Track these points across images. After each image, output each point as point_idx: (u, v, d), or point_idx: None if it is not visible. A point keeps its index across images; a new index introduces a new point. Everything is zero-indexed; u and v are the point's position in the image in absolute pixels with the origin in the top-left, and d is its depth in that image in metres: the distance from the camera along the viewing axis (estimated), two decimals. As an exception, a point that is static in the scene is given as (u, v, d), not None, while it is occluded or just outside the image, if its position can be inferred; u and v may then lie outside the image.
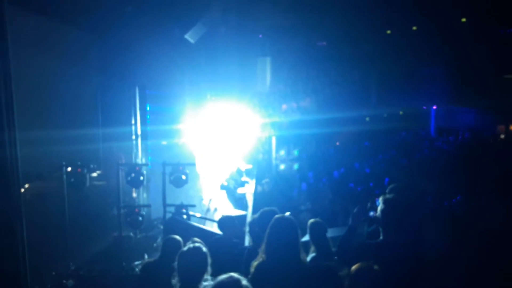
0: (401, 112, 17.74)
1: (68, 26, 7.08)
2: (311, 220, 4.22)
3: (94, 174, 7.27)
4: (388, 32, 15.32)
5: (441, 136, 16.23)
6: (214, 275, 3.63)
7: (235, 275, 2.29)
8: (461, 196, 7.75)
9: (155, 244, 7.36)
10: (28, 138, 4.54)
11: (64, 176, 6.47)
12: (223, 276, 2.29)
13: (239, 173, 9.49)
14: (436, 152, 13.09)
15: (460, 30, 14.10)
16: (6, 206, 4.21)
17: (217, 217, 7.45)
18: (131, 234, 7.48)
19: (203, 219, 7.21)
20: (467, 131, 15.79)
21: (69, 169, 6.58)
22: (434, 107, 17.91)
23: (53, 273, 6.02)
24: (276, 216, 3.44)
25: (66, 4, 6.57)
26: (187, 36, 8.62)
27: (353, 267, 2.81)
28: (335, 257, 3.67)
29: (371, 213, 4.21)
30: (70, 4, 6.67)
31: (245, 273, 3.83)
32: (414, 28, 14.98)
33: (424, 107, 18.10)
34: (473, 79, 14.68)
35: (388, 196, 3.46)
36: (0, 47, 4.14)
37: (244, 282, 2.24)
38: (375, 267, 2.81)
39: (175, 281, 3.11)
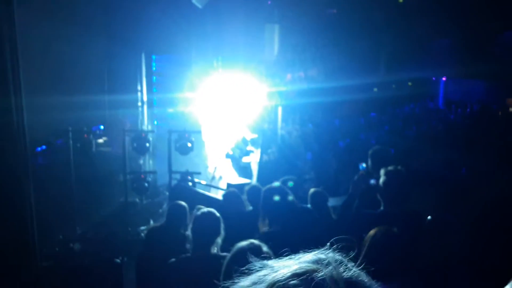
0: (409, 83, 17.52)
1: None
2: (312, 190, 4.26)
3: (100, 140, 7.30)
4: (400, 0, 14.93)
5: (449, 108, 16.06)
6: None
7: (255, 241, 2.29)
8: (468, 168, 7.74)
9: (160, 210, 7.46)
10: (34, 103, 4.53)
11: (70, 141, 6.49)
12: (243, 243, 2.28)
13: (245, 142, 9.49)
14: (443, 124, 12.98)
15: (473, 1, 13.70)
16: (14, 170, 4.25)
17: (222, 184, 7.52)
18: (137, 200, 7.57)
19: (208, 186, 7.26)
20: (476, 103, 15.60)
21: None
22: (444, 78, 17.63)
23: (60, 236, 6.13)
24: (268, 186, 3.51)
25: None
26: (194, 1, 8.45)
27: (372, 231, 2.80)
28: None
29: (372, 181, 4.23)
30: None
31: (249, 235, 3.92)
32: (427, -4, 14.57)
33: (434, 78, 17.84)
34: (484, 51, 14.37)
35: (390, 168, 3.46)
36: (5, 12, 4.08)
37: (265, 248, 2.24)
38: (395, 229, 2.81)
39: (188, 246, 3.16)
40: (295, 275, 0.68)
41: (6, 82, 4.12)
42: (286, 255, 0.78)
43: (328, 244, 0.79)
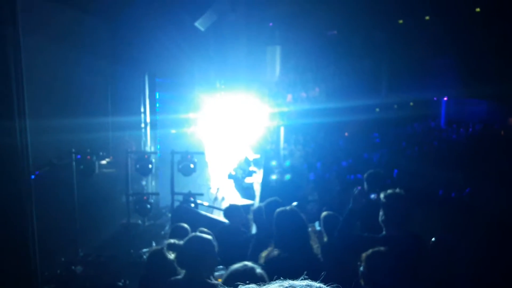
0: (411, 103, 17.58)
1: (80, 13, 7.08)
2: (324, 213, 4.23)
3: (104, 162, 7.32)
4: (400, 21, 15.11)
5: (451, 127, 16.07)
6: (221, 263, 3.67)
7: (249, 263, 2.27)
8: (471, 188, 7.70)
9: (163, 232, 7.43)
10: (38, 126, 4.57)
11: (74, 163, 6.52)
12: (237, 265, 2.26)
13: (247, 162, 9.50)
14: (446, 144, 12.98)
15: (474, 21, 13.86)
16: (16, 193, 4.25)
17: (224, 206, 7.50)
18: (139, 221, 7.55)
19: (211, 207, 7.24)
20: (478, 123, 15.62)
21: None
22: (445, 98, 17.71)
23: (62, 259, 6.10)
24: (281, 209, 3.46)
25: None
26: (197, 24, 8.59)
27: (367, 253, 2.79)
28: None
29: (372, 196, 4.23)
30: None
31: (251, 260, 3.87)
32: (427, 18, 14.75)
33: (435, 98, 17.91)
34: (485, 71, 14.45)
35: (389, 191, 3.46)
36: (11, 34, 4.16)
37: (259, 270, 2.22)
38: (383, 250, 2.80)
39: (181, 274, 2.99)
40: None
41: (11, 105, 4.16)
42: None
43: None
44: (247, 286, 0.79)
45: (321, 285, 0.77)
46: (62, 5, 6.40)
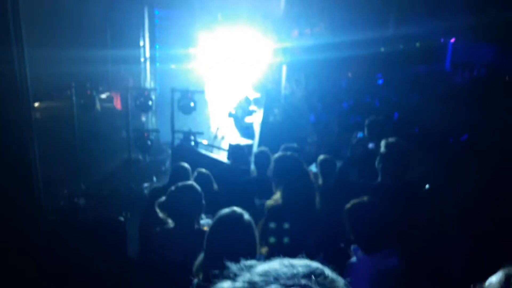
0: (417, 44, 17.12)
1: None
2: (321, 157, 4.25)
3: (103, 96, 7.26)
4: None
5: (456, 70, 15.78)
6: (224, 202, 3.75)
7: (237, 209, 2.26)
8: (469, 134, 7.73)
9: (163, 168, 7.55)
10: (36, 56, 4.47)
11: (74, 97, 6.47)
12: (225, 210, 2.26)
13: (247, 101, 9.42)
14: (449, 87, 12.82)
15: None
16: (17, 122, 4.25)
17: (224, 145, 7.56)
18: (140, 157, 7.64)
19: (211, 146, 7.30)
20: (483, 67, 15.31)
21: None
22: (452, 40, 17.22)
23: (65, 191, 6.25)
24: (280, 155, 3.44)
25: None
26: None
27: (348, 205, 2.84)
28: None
29: (370, 145, 4.25)
30: None
31: (252, 202, 3.97)
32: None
33: (442, 40, 17.42)
34: (496, 13, 13.92)
35: (391, 139, 3.45)
36: None
37: (246, 216, 2.22)
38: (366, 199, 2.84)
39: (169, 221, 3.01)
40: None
41: (7, 33, 4.05)
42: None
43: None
44: (248, 262, 0.81)
45: (319, 265, 0.78)
46: None
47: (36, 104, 5.74)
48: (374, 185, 3.43)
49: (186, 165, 4.29)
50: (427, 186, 4.43)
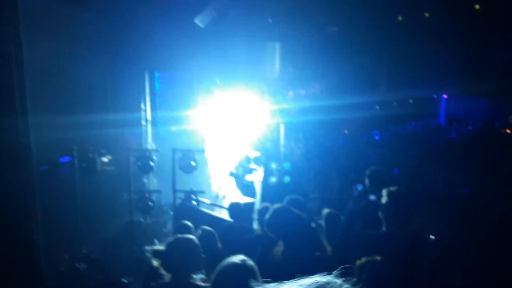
0: (411, 101, 17.59)
1: (78, 8, 6.99)
2: (326, 211, 4.27)
3: (105, 159, 7.34)
4: (400, 18, 15.10)
5: (451, 125, 16.10)
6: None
7: (241, 256, 2.31)
8: (471, 187, 7.74)
9: (165, 230, 7.48)
10: (39, 123, 4.58)
11: (76, 160, 6.54)
12: (231, 257, 2.31)
13: (248, 160, 9.53)
14: (445, 142, 13.02)
15: (473, 18, 13.85)
16: (20, 191, 4.29)
17: (226, 204, 7.55)
18: (142, 219, 7.59)
19: (212, 205, 7.29)
20: (478, 121, 15.64)
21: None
22: (445, 96, 17.73)
23: (66, 256, 6.14)
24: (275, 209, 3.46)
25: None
26: (196, 21, 8.59)
27: (359, 261, 2.82)
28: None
29: (371, 197, 4.27)
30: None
31: (259, 259, 3.90)
32: (426, 14, 14.73)
33: (435, 96, 17.93)
34: (485, 68, 14.47)
35: (392, 188, 3.50)
36: (12, 32, 4.17)
37: (250, 262, 2.25)
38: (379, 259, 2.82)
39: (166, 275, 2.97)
40: None
41: (13, 102, 4.18)
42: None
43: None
44: (265, 285, 0.82)
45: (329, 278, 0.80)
46: (57, 1, 6.34)
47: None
48: (379, 235, 3.43)
49: (189, 223, 4.28)
50: (431, 237, 4.40)
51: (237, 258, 2.32)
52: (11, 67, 4.15)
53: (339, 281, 0.79)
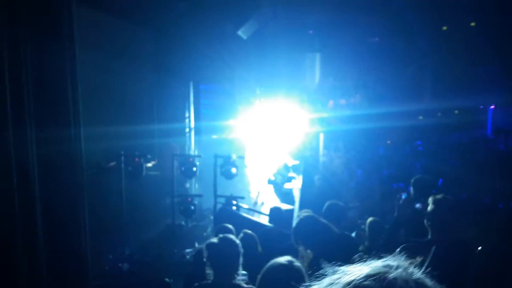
0: (456, 112, 17.05)
1: (126, 23, 7.31)
2: (370, 219, 4.27)
3: (150, 164, 7.59)
4: (444, 28, 14.76)
5: (498, 137, 15.45)
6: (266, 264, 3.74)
7: (289, 257, 2.35)
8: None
9: (205, 233, 7.61)
10: (89, 133, 4.82)
11: (122, 165, 6.80)
12: (278, 258, 2.34)
13: (286, 168, 9.56)
14: (493, 154, 12.52)
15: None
16: (70, 193, 4.52)
17: (264, 210, 7.60)
18: (183, 222, 7.76)
19: (251, 211, 7.36)
20: (528, 132, 14.93)
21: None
22: (492, 106, 17.08)
23: (110, 256, 6.37)
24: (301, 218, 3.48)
25: (125, 0, 6.81)
26: (239, 32, 8.78)
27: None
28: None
29: (417, 205, 4.19)
30: (129, 1, 6.91)
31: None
32: (472, 24, 14.33)
33: (481, 106, 17.31)
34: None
35: (438, 196, 3.44)
36: (68, 49, 4.42)
37: (297, 263, 2.29)
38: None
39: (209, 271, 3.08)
40: (368, 276, 0.77)
41: (67, 114, 4.43)
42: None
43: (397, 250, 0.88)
44: (331, 268, 0.87)
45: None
46: (108, 15, 6.62)
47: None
48: (424, 242, 3.37)
49: (230, 226, 4.36)
50: (479, 248, 4.25)
51: (284, 259, 2.35)
52: (67, 83, 4.40)
53: (406, 262, 0.84)
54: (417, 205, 4.29)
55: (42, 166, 4.22)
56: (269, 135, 10.24)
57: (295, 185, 8.97)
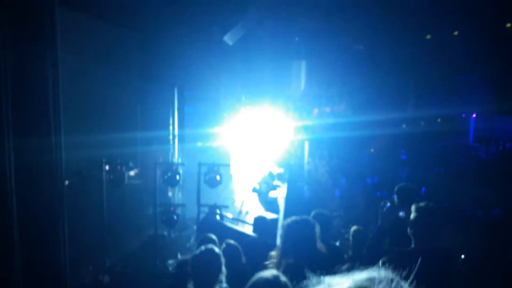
0: (439, 120, 17.29)
1: (110, 27, 7.15)
2: (354, 228, 4.23)
3: (132, 173, 7.46)
4: (428, 37, 14.98)
5: (480, 145, 15.70)
6: (250, 276, 3.67)
7: (274, 271, 2.28)
8: (502, 207, 7.51)
9: (188, 244, 7.49)
10: (70, 141, 4.70)
11: (104, 173, 6.66)
12: (263, 273, 2.27)
13: (271, 176, 9.51)
14: (475, 162, 12.69)
15: (503, 36, 13.62)
16: (50, 205, 4.39)
17: (249, 219, 7.52)
18: (165, 233, 7.63)
19: (236, 220, 7.27)
20: (508, 141, 15.21)
21: (107, 167, 6.76)
22: (474, 115, 17.36)
23: (90, 268, 6.21)
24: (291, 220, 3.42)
25: (108, 3, 6.67)
26: (225, 38, 8.73)
27: None
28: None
29: (401, 213, 4.18)
30: (113, 3, 6.77)
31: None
32: (455, 33, 14.57)
33: (463, 115, 17.58)
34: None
35: (421, 204, 3.43)
36: (50, 57, 4.30)
37: (283, 278, 2.23)
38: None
39: (190, 285, 3.04)
40: None
41: (48, 123, 4.31)
42: None
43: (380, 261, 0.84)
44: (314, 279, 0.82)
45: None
46: (91, 18, 6.45)
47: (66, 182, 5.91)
48: (407, 251, 3.34)
49: (213, 236, 4.28)
50: (462, 256, 4.26)
51: (269, 273, 2.28)
52: (48, 89, 4.28)
53: (390, 274, 0.80)
54: (401, 213, 4.27)
55: (20, 176, 4.10)
56: (254, 143, 10.19)
57: (280, 194, 8.92)
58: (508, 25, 13.58)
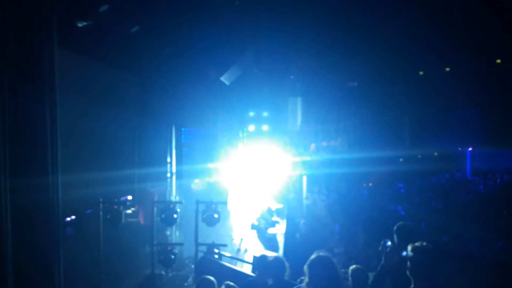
0: (435, 154, 17.38)
1: (108, 67, 7.27)
2: (353, 267, 4.17)
3: (129, 211, 7.41)
4: (421, 73, 15.30)
5: (478, 178, 15.71)
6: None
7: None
8: (502, 242, 7.44)
9: (186, 284, 7.35)
10: (67, 180, 4.68)
11: (101, 212, 6.62)
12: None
13: (270, 212, 9.45)
14: (473, 195, 12.66)
15: (495, 72, 13.94)
16: (46, 250, 4.32)
17: (248, 257, 7.42)
18: (163, 272, 7.50)
19: (234, 259, 7.17)
20: (506, 174, 15.22)
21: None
22: (470, 148, 17.47)
23: (86, 309, 6.07)
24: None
25: (107, 44, 6.81)
26: (222, 79, 8.90)
27: None
28: None
29: (404, 253, 4.14)
30: (111, 45, 6.92)
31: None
32: (447, 69, 14.91)
33: (460, 149, 17.69)
34: (509, 121, 14.33)
35: (416, 244, 3.43)
36: (49, 98, 4.34)
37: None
38: None
39: None
40: None
41: (45, 161, 4.31)
42: None
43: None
44: None
45: None
46: (90, 58, 6.55)
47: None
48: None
49: (211, 278, 4.21)
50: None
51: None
52: (46, 129, 4.30)
53: None
54: (404, 253, 4.24)
55: (16, 216, 4.05)
56: (252, 178, 10.19)
57: (279, 230, 8.84)
58: (498, 61, 13.92)
